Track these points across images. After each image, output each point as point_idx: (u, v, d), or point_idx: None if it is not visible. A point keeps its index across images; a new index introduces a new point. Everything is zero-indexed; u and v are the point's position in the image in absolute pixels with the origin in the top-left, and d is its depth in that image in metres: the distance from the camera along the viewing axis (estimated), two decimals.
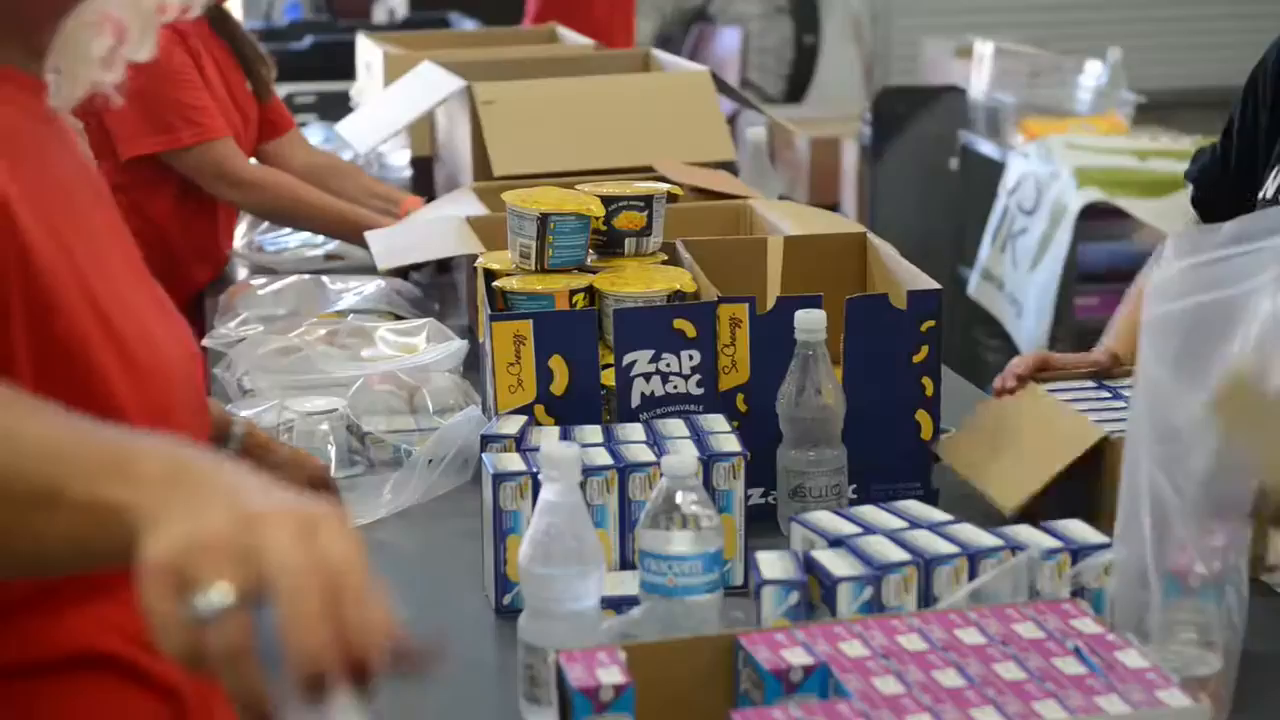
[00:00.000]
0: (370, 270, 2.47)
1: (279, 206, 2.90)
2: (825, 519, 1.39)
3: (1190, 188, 1.96)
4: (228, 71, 2.96)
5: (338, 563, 0.85)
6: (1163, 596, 1.20)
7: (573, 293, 1.86)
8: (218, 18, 2.97)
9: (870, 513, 1.41)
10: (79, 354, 1.11)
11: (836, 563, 1.30)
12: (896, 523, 1.38)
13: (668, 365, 1.77)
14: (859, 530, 1.36)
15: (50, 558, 0.98)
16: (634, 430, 1.66)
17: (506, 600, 1.55)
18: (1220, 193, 1.86)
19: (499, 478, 1.53)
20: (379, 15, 6.47)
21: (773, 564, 1.31)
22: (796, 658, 1.12)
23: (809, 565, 1.31)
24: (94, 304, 1.13)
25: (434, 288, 2.69)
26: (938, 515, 1.40)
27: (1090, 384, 1.83)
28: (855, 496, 1.75)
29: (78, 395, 1.07)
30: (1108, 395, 1.79)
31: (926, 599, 1.31)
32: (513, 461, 1.55)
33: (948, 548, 1.33)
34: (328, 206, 2.91)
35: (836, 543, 1.34)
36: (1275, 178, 1.73)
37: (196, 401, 1.24)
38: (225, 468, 0.92)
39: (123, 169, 2.81)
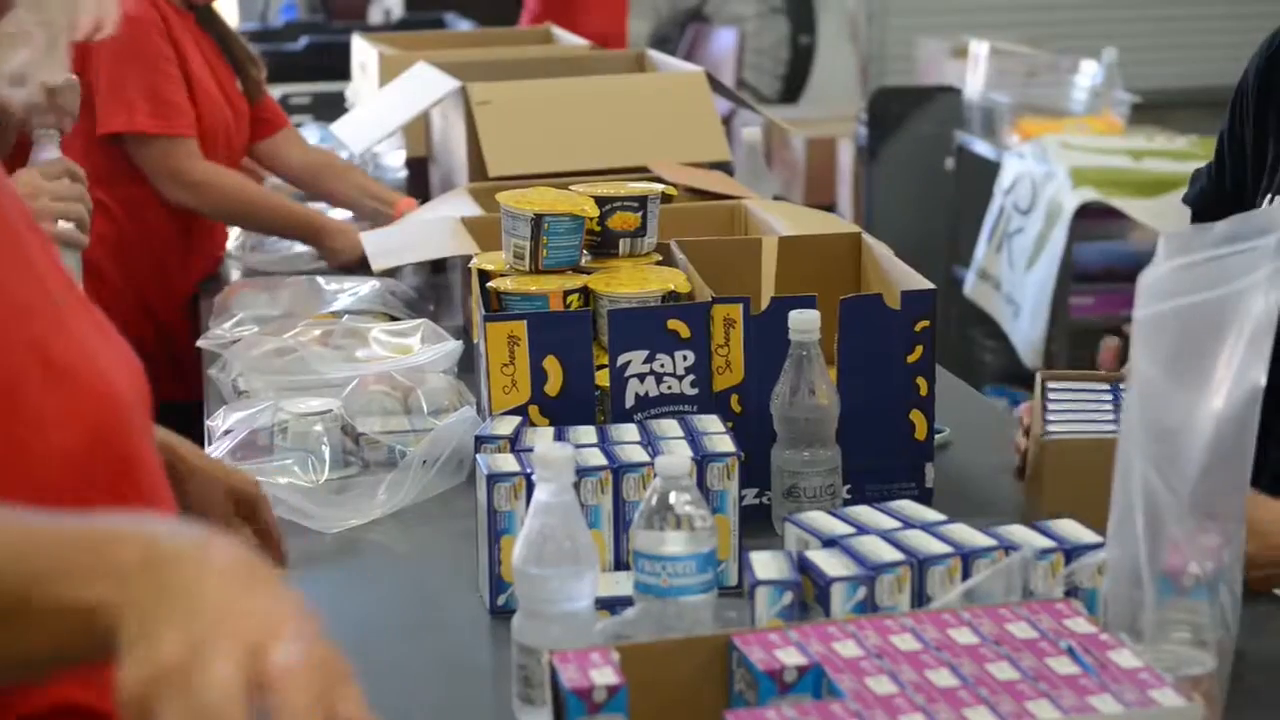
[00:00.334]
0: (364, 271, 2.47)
1: (230, 208, 2.88)
2: (819, 519, 1.39)
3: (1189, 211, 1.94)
4: (218, 70, 2.96)
5: (322, 668, 0.84)
6: (1156, 596, 1.20)
7: (567, 293, 1.86)
8: (205, 17, 2.96)
9: (864, 513, 1.41)
10: (6, 394, 1.05)
11: (830, 563, 1.30)
12: (890, 523, 1.38)
13: (662, 366, 1.77)
14: (852, 530, 1.36)
15: (26, 666, 0.94)
16: (628, 431, 1.66)
17: (501, 601, 1.55)
18: (1219, 216, 1.84)
19: (493, 478, 1.53)
20: (374, 16, 6.48)
21: (766, 564, 1.31)
22: (790, 658, 1.12)
23: (803, 566, 1.31)
24: (33, 341, 1.08)
25: (428, 288, 2.69)
26: (931, 515, 1.40)
27: (1098, 385, 1.80)
28: (849, 497, 1.75)
29: (6, 439, 1.03)
30: (1109, 397, 1.78)
31: (920, 599, 1.31)
32: (507, 462, 1.55)
33: (941, 548, 1.33)
34: (280, 207, 2.91)
35: (830, 543, 1.34)
36: (1273, 202, 1.72)
37: (145, 421, 1.19)
38: (198, 546, 0.89)
39: (116, 169, 2.81)
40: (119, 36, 3.02)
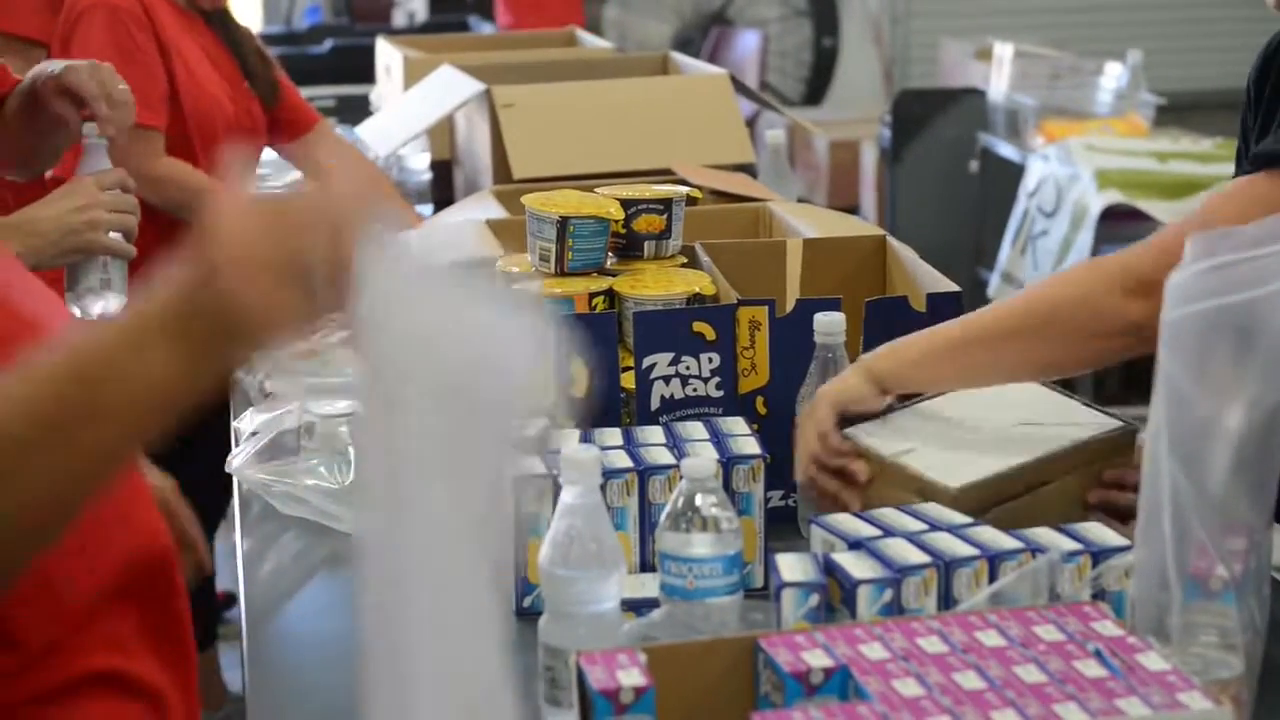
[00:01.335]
0: None
1: (183, 200, 2.75)
2: (845, 521, 1.39)
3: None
4: (226, 72, 2.95)
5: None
6: (1183, 599, 1.19)
7: (592, 296, 1.86)
8: (218, 21, 2.96)
9: (890, 515, 1.41)
10: None
11: (856, 565, 1.30)
12: (916, 525, 1.38)
13: (687, 368, 1.77)
14: (879, 533, 1.36)
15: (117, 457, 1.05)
16: (654, 433, 1.66)
17: (526, 603, 1.55)
18: None
19: (519, 481, 1.53)
20: (398, 19, 6.50)
21: (792, 566, 1.31)
22: (816, 660, 1.12)
23: (829, 568, 1.31)
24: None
25: None
26: (958, 518, 1.40)
27: None
28: None
29: None
30: None
31: (947, 602, 1.31)
32: (533, 464, 1.56)
33: (967, 550, 1.33)
34: None
35: (856, 545, 1.34)
36: None
37: None
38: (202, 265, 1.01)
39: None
40: (97, 26, 3.00)
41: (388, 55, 3.53)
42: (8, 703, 1.16)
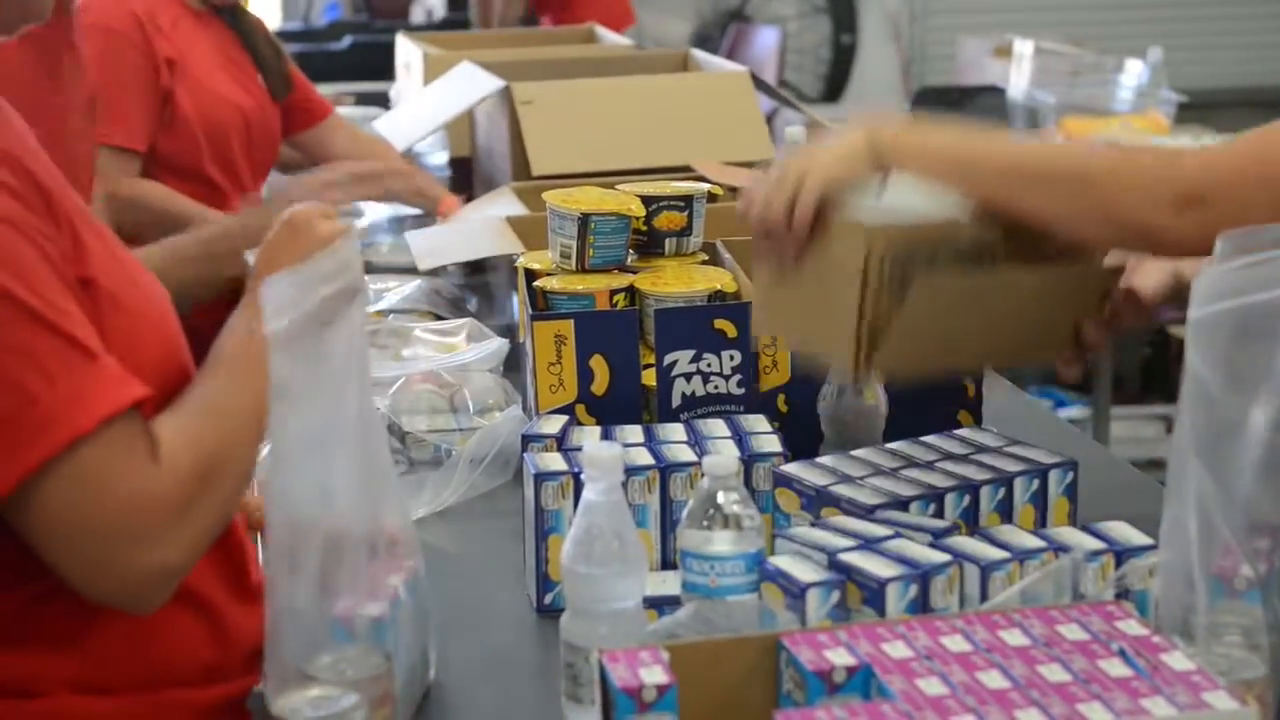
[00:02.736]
0: (410, 270, 2.47)
1: (151, 222, 2.66)
2: (811, 533, 1.38)
3: None
4: (238, 68, 2.95)
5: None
6: (1208, 598, 1.19)
7: (613, 292, 1.86)
8: (229, 14, 2.97)
9: (850, 523, 1.41)
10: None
11: (877, 565, 1.30)
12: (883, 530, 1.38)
13: (708, 365, 1.77)
14: (853, 542, 1.35)
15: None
16: (675, 430, 1.66)
17: (548, 600, 1.55)
18: None
19: (540, 477, 1.53)
20: (416, 15, 6.50)
21: (799, 566, 1.31)
22: (839, 658, 1.12)
23: (846, 569, 1.30)
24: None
25: (470, 288, 2.70)
26: (928, 523, 1.40)
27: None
28: None
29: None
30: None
31: (967, 601, 1.30)
32: (554, 461, 1.56)
33: (998, 553, 1.32)
34: (193, 213, 2.73)
35: (863, 545, 1.34)
36: None
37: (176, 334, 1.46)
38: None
39: (156, 171, 2.82)
40: (97, 50, 3.02)
41: (407, 51, 3.53)
42: (68, 607, 1.32)
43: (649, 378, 1.78)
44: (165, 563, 1.29)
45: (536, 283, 1.91)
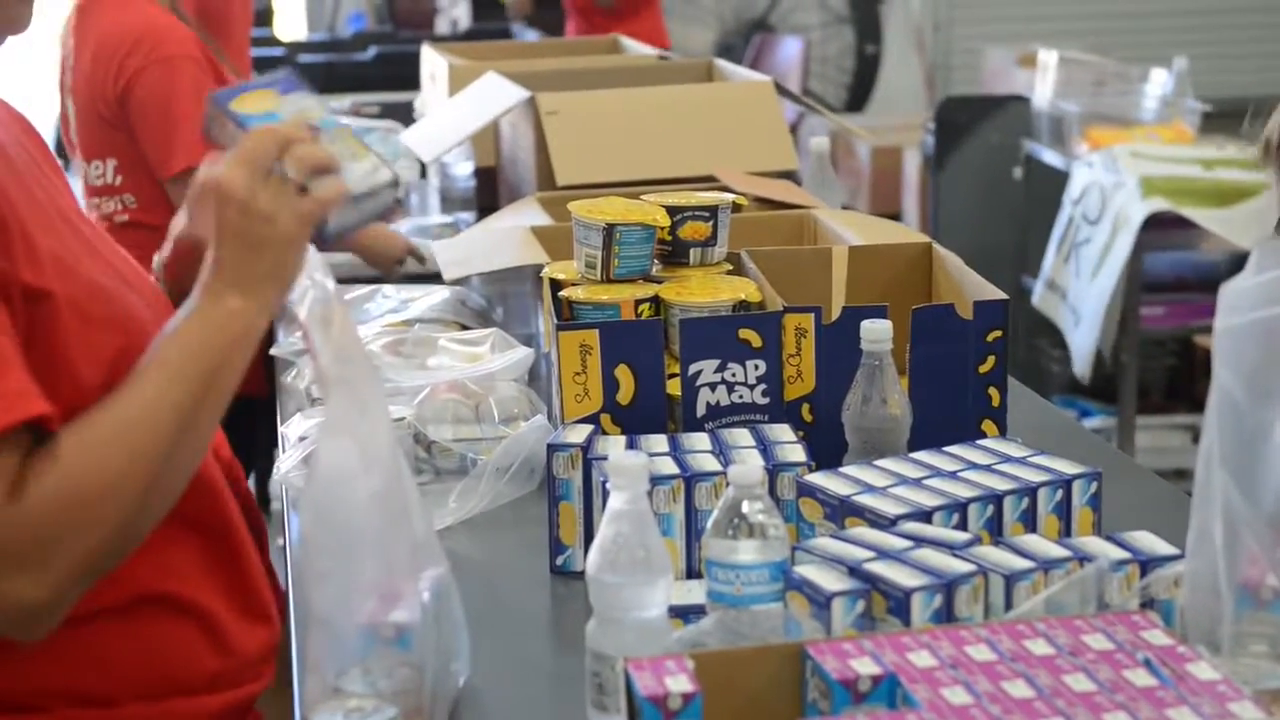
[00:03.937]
0: (435, 279, 2.48)
1: None
2: (829, 545, 1.39)
3: None
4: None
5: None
6: (1234, 609, 1.19)
7: (638, 302, 1.87)
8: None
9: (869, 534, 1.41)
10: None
11: (902, 574, 1.30)
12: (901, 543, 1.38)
13: (733, 375, 1.78)
14: (871, 554, 1.35)
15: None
16: (700, 440, 1.66)
17: (559, 561, 1.64)
18: None
19: (553, 448, 1.62)
20: (441, 26, 6.53)
21: (824, 576, 1.31)
22: (864, 667, 1.12)
23: (871, 578, 1.30)
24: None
25: (496, 297, 2.71)
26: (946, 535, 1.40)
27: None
28: None
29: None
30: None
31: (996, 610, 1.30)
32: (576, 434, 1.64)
33: (1022, 563, 1.32)
34: None
35: (884, 556, 1.34)
36: None
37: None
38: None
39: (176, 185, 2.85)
40: (185, 75, 3.08)
41: (433, 62, 3.54)
42: (64, 620, 1.30)
43: (674, 387, 1.79)
44: (22, 598, 1.23)
45: (562, 293, 1.91)
